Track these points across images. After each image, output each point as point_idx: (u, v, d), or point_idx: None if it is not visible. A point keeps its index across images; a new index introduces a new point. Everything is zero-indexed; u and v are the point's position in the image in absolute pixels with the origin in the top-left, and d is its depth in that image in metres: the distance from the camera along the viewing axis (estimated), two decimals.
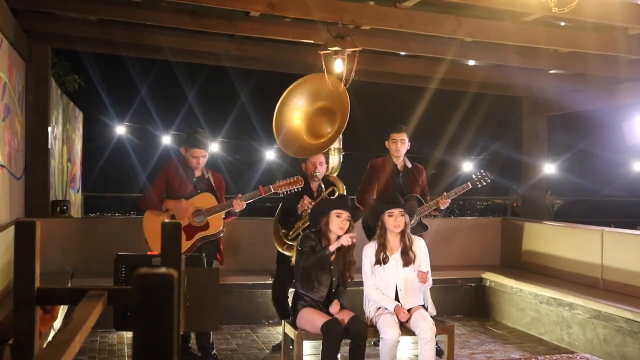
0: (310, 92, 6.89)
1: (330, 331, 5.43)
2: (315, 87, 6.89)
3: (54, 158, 10.86)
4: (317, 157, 6.75)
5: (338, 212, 5.76)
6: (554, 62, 8.96)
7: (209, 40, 8.76)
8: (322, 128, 6.84)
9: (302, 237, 5.97)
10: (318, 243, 5.79)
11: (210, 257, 6.42)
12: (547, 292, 7.67)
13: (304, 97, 6.89)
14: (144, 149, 20.24)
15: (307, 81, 6.97)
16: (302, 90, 6.90)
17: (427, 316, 5.66)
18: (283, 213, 6.89)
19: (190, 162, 6.40)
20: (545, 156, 11.31)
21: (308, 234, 5.94)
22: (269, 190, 6.33)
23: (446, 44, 8.21)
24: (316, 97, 6.87)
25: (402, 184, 6.95)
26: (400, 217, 5.83)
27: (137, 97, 22.60)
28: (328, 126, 6.80)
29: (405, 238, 5.87)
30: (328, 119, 6.81)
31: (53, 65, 10.72)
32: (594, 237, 7.90)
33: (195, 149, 6.36)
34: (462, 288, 8.71)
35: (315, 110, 6.88)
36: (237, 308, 7.91)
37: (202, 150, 6.39)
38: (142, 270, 1.10)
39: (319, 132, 6.86)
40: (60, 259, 7.72)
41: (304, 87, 6.92)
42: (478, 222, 10.03)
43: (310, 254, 5.73)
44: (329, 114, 6.82)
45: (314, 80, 6.96)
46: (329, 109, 6.82)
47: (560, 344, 7.43)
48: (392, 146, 7.00)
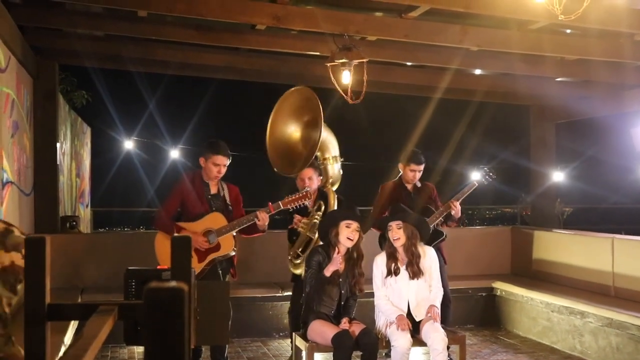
0: (295, 109, 6.78)
1: (340, 343, 5.41)
2: (297, 101, 6.78)
3: (63, 174, 10.89)
4: (304, 172, 6.56)
5: (347, 223, 5.74)
6: (560, 69, 8.96)
7: (215, 54, 8.79)
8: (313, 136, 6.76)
9: (309, 252, 5.95)
10: (326, 257, 5.77)
11: (225, 272, 6.36)
12: (558, 300, 7.63)
13: (291, 117, 6.79)
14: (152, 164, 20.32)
15: (289, 98, 6.84)
16: (287, 109, 6.79)
17: (439, 327, 5.64)
18: (289, 231, 6.84)
19: (210, 172, 6.18)
20: (553, 164, 11.28)
21: (316, 248, 5.92)
22: (278, 207, 6.16)
23: (452, 53, 8.22)
24: (302, 112, 6.75)
25: (415, 203, 6.91)
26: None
27: (145, 111, 22.70)
28: (315, 132, 6.72)
29: (410, 251, 5.83)
30: (313, 126, 6.73)
31: (60, 81, 10.77)
32: (605, 244, 7.86)
33: (218, 156, 6.14)
34: (472, 298, 8.68)
35: (304, 125, 6.79)
36: (248, 321, 7.90)
37: (225, 158, 6.17)
38: (153, 284, 1.09)
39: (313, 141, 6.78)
40: (70, 274, 7.72)
41: (287, 106, 6.80)
42: (488, 231, 10.00)
43: (314, 274, 5.71)
44: (312, 123, 6.72)
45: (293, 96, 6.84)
46: (312, 118, 6.73)
47: (573, 352, 7.39)
48: (409, 174, 6.96)
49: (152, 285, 1.07)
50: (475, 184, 6.99)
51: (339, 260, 5.70)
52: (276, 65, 9.09)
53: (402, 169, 7.03)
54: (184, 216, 6.23)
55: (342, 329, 5.52)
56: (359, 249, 5.83)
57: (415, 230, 5.85)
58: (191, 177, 6.31)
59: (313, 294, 5.70)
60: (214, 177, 6.22)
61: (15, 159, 7.10)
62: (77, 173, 13.15)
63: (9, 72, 6.86)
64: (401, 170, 7.06)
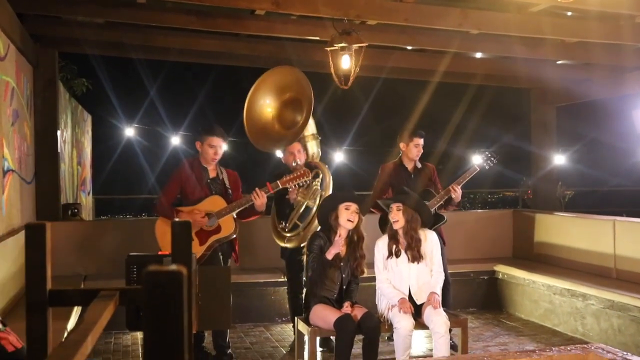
0: (275, 86, 6.83)
1: (343, 327, 5.43)
2: (279, 80, 6.84)
3: (64, 162, 10.89)
4: (293, 146, 6.68)
5: (347, 205, 5.76)
6: (561, 52, 8.93)
7: (215, 40, 8.77)
8: (292, 118, 6.81)
9: (310, 237, 5.96)
10: (327, 241, 5.79)
11: (226, 257, 6.40)
12: (560, 283, 7.65)
13: (271, 92, 6.84)
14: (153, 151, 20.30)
15: (271, 76, 6.89)
16: (268, 85, 6.84)
17: (441, 310, 5.65)
18: (278, 207, 6.88)
19: (207, 154, 6.25)
20: (554, 147, 11.27)
21: (317, 232, 5.94)
22: (277, 186, 6.22)
23: (452, 36, 8.19)
24: (283, 90, 6.81)
25: (415, 184, 6.92)
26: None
27: (146, 98, 22.66)
28: (297, 115, 6.76)
29: (410, 235, 5.84)
30: (295, 108, 6.77)
31: (60, 69, 10.75)
32: (606, 227, 7.87)
33: (213, 137, 6.23)
34: (474, 281, 8.70)
35: (283, 103, 6.84)
36: (251, 306, 7.93)
37: (220, 139, 6.25)
38: (151, 267, 1.10)
39: (290, 123, 6.82)
40: (73, 262, 7.74)
41: (269, 82, 6.85)
42: (489, 215, 10.01)
43: (316, 257, 5.73)
44: (296, 104, 6.77)
45: (277, 74, 6.90)
46: (296, 99, 6.78)
47: (575, 334, 7.42)
48: (412, 150, 6.99)
49: (150, 269, 1.08)
50: (476, 169, 6.98)
51: (341, 243, 5.71)
52: (276, 50, 9.06)
53: (405, 148, 7.03)
54: (184, 202, 6.28)
55: (344, 313, 5.54)
56: (359, 231, 5.85)
57: (416, 215, 5.85)
58: (190, 163, 6.37)
59: (316, 278, 5.72)
60: (211, 159, 6.26)
61: (16, 147, 7.10)
62: (78, 161, 13.15)
63: (8, 60, 6.85)
64: (403, 149, 7.06)
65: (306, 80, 6.67)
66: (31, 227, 1.92)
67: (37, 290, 1.90)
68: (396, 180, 6.97)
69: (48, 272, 1.93)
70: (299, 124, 6.68)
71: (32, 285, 1.90)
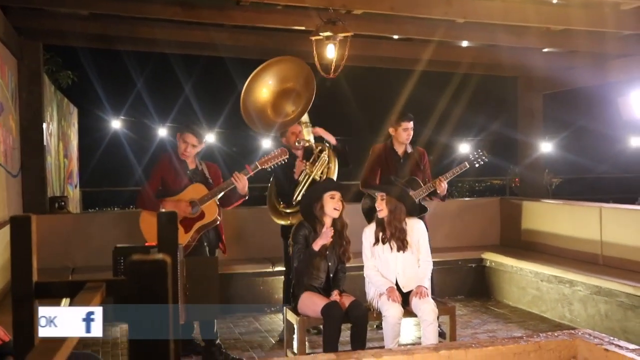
0: (278, 74, 6.84)
1: (330, 314, 5.45)
2: (286, 68, 6.84)
3: (50, 155, 10.85)
4: (294, 127, 6.77)
5: (331, 194, 5.77)
6: (546, 40, 8.94)
7: (200, 30, 8.73)
8: (286, 107, 6.81)
9: (295, 227, 5.97)
10: (312, 231, 5.79)
11: (213, 247, 6.41)
12: (547, 270, 7.69)
13: (274, 78, 6.85)
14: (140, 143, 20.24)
15: (279, 63, 6.90)
16: (273, 71, 6.85)
17: (429, 298, 5.67)
18: (277, 187, 6.91)
19: (179, 147, 6.32)
20: (541, 135, 11.30)
21: (301, 222, 5.95)
22: (256, 167, 6.26)
23: (438, 25, 8.18)
24: (285, 79, 6.82)
25: (403, 169, 6.93)
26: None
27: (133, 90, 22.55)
28: (292, 105, 6.77)
29: (393, 225, 5.84)
30: (293, 99, 6.79)
31: (45, 62, 10.69)
32: (593, 213, 7.91)
33: (187, 134, 6.29)
34: (462, 269, 8.73)
35: (283, 91, 6.84)
36: (240, 296, 7.93)
37: (193, 137, 6.30)
38: (135, 257, 1.10)
39: (284, 111, 6.84)
40: (60, 255, 7.72)
41: (275, 68, 6.86)
42: (477, 203, 10.04)
43: (301, 249, 5.74)
44: (294, 96, 6.79)
45: (285, 62, 6.90)
46: (296, 91, 6.79)
47: (562, 321, 7.46)
48: (402, 134, 6.96)
49: (134, 259, 1.08)
50: (466, 166, 6.98)
51: (330, 234, 5.71)
52: (261, 41, 9.03)
53: (394, 132, 7.01)
54: (166, 193, 6.31)
55: (331, 300, 5.55)
56: (341, 218, 5.87)
57: (400, 205, 5.85)
58: (169, 156, 6.45)
59: (302, 269, 5.73)
60: (181, 153, 6.34)
61: (1, 140, 7.07)
62: (64, 154, 13.10)
63: None
64: (392, 134, 7.04)
65: (312, 78, 6.68)
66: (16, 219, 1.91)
67: (23, 283, 1.90)
68: (385, 163, 6.98)
69: (34, 264, 1.92)
70: (291, 115, 6.70)
71: (18, 277, 1.90)
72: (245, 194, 6.39)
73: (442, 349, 4.23)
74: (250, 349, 6.74)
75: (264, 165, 6.29)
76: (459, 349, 4.21)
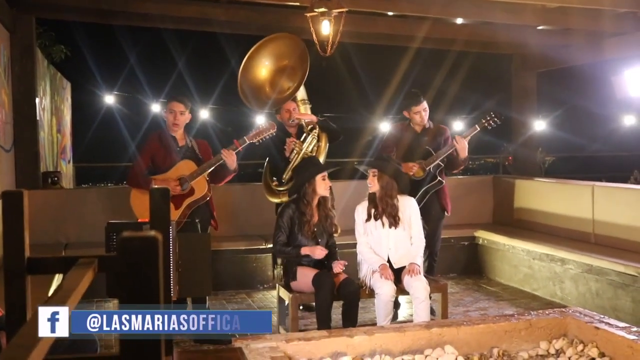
0: (275, 52, 6.82)
1: (321, 283, 5.47)
2: (282, 46, 6.82)
3: (43, 129, 10.81)
4: (288, 104, 6.74)
5: (323, 176, 5.80)
6: (541, 18, 8.92)
7: (195, 6, 8.70)
8: (283, 84, 6.81)
9: (281, 208, 5.97)
10: (296, 210, 5.80)
11: (205, 223, 6.39)
12: (539, 248, 7.72)
13: (270, 55, 6.83)
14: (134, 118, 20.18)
15: (273, 40, 6.88)
16: (269, 48, 6.83)
17: (421, 276, 5.68)
18: (271, 165, 6.91)
19: (167, 120, 6.28)
20: (535, 113, 11.31)
21: (287, 204, 5.96)
22: (244, 141, 6.26)
23: (433, 2, 8.16)
24: (281, 57, 6.81)
25: (420, 142, 6.83)
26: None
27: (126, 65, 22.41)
28: (289, 81, 6.77)
29: (385, 201, 5.84)
30: (288, 75, 6.78)
31: (38, 36, 10.62)
32: (585, 192, 7.92)
33: (171, 102, 6.26)
34: (455, 247, 8.75)
35: (279, 68, 6.83)
36: (232, 273, 7.95)
37: (178, 104, 6.24)
38: (126, 233, 1.10)
39: (281, 88, 6.83)
40: (53, 230, 7.71)
41: (271, 46, 6.84)
42: (470, 181, 10.04)
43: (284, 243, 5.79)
44: (289, 71, 6.78)
45: (281, 39, 6.88)
46: (291, 66, 6.78)
47: (554, 299, 7.49)
48: (416, 118, 6.79)
49: (125, 235, 1.08)
50: (477, 128, 6.79)
51: (320, 255, 5.71)
52: (255, 16, 9.00)
53: (409, 116, 6.92)
54: (156, 170, 6.29)
55: (321, 270, 5.60)
56: None
57: (392, 181, 5.84)
58: (158, 133, 6.42)
59: (294, 258, 5.76)
60: (171, 124, 6.28)
61: None
62: (57, 129, 13.05)
63: None
64: (408, 116, 6.94)
65: (306, 54, 6.66)
66: (8, 194, 1.91)
67: (15, 258, 1.89)
68: (402, 137, 6.88)
69: (26, 239, 1.92)
70: (288, 91, 6.70)
71: (10, 253, 1.90)
72: (235, 169, 6.39)
73: (434, 327, 4.25)
74: None
75: (252, 139, 6.29)
76: (450, 326, 4.24)
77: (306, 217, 5.77)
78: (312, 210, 5.80)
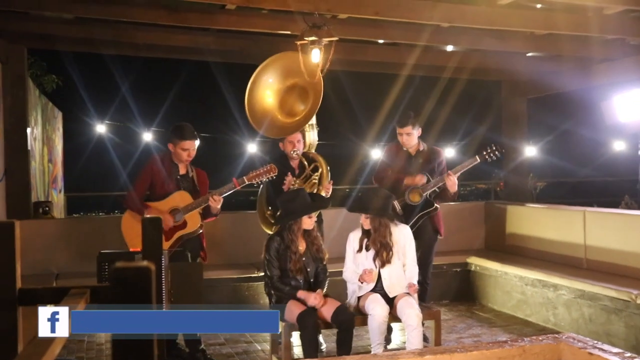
0: (281, 70, 6.83)
1: (304, 322, 5.46)
2: (286, 64, 6.83)
3: (35, 159, 10.79)
4: (293, 135, 6.67)
5: (309, 215, 5.81)
6: (530, 44, 9.00)
7: (186, 35, 8.72)
8: (295, 106, 6.80)
9: (267, 240, 5.95)
10: (281, 242, 5.80)
11: (195, 254, 6.37)
12: (532, 274, 7.72)
13: (275, 75, 6.83)
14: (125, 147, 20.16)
15: (279, 59, 6.90)
16: (274, 68, 6.84)
17: (414, 303, 5.67)
18: (268, 194, 6.88)
19: (180, 156, 6.22)
20: (526, 139, 11.36)
21: (272, 236, 5.94)
22: (243, 182, 6.23)
23: (423, 30, 8.21)
24: (288, 75, 6.80)
25: (413, 166, 6.85)
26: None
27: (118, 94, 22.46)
28: (301, 104, 6.76)
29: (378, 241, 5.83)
30: (301, 97, 6.77)
31: (30, 66, 10.64)
32: (577, 217, 7.94)
33: (185, 141, 6.19)
34: (447, 273, 8.74)
35: (287, 88, 6.83)
36: (224, 302, 7.91)
37: (192, 141, 6.22)
38: (119, 264, 1.10)
39: (292, 111, 6.82)
40: (45, 260, 7.67)
41: (275, 65, 6.85)
42: (462, 207, 10.05)
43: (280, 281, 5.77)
44: (301, 92, 6.77)
45: (285, 58, 6.90)
46: (301, 86, 6.77)
47: (547, 324, 7.49)
48: (399, 137, 6.85)
49: (118, 265, 1.08)
50: (477, 160, 6.75)
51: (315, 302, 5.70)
52: (247, 45, 9.03)
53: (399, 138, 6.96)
54: (152, 196, 6.27)
55: (306, 308, 5.56)
56: None
57: (383, 220, 5.84)
58: (161, 157, 6.35)
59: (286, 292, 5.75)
60: (184, 160, 6.27)
61: None
62: (49, 158, 13.03)
63: None
64: None
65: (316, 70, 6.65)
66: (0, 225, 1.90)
67: (6, 289, 1.88)
68: (395, 160, 6.89)
69: (17, 270, 1.91)
70: (301, 114, 6.68)
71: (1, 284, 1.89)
72: (216, 214, 6.40)
73: (427, 354, 4.23)
74: (235, 355, 6.72)
75: (251, 180, 6.27)
76: (443, 353, 4.22)
77: (292, 249, 5.77)
78: (298, 241, 5.80)
